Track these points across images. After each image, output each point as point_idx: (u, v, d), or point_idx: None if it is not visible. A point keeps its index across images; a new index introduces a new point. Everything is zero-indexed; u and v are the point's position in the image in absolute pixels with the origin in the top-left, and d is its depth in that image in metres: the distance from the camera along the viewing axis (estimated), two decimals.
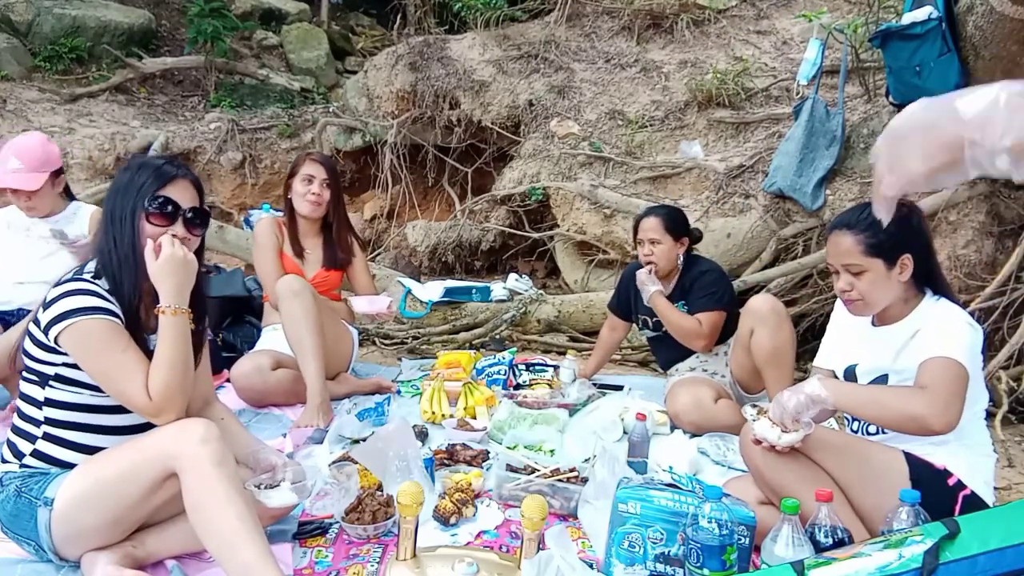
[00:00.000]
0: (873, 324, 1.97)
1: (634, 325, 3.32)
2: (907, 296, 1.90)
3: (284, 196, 3.22)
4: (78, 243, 2.90)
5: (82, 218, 3.01)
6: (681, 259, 3.03)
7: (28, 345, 1.71)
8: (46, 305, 1.66)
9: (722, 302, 2.95)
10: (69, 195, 3.05)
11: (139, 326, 1.73)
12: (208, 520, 1.57)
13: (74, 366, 1.67)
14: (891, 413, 1.71)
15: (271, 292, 3.04)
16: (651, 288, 2.96)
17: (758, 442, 1.80)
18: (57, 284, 1.69)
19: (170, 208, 1.73)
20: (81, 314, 1.62)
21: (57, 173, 2.93)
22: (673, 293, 3.02)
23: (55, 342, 1.64)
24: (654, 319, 3.07)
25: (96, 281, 1.69)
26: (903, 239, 1.85)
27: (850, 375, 1.99)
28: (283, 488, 1.83)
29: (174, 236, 1.73)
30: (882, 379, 1.90)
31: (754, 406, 1.84)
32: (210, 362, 2.07)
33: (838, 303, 2.13)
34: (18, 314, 2.81)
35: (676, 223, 3.00)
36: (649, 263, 2.99)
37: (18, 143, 2.90)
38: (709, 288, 2.94)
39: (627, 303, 3.22)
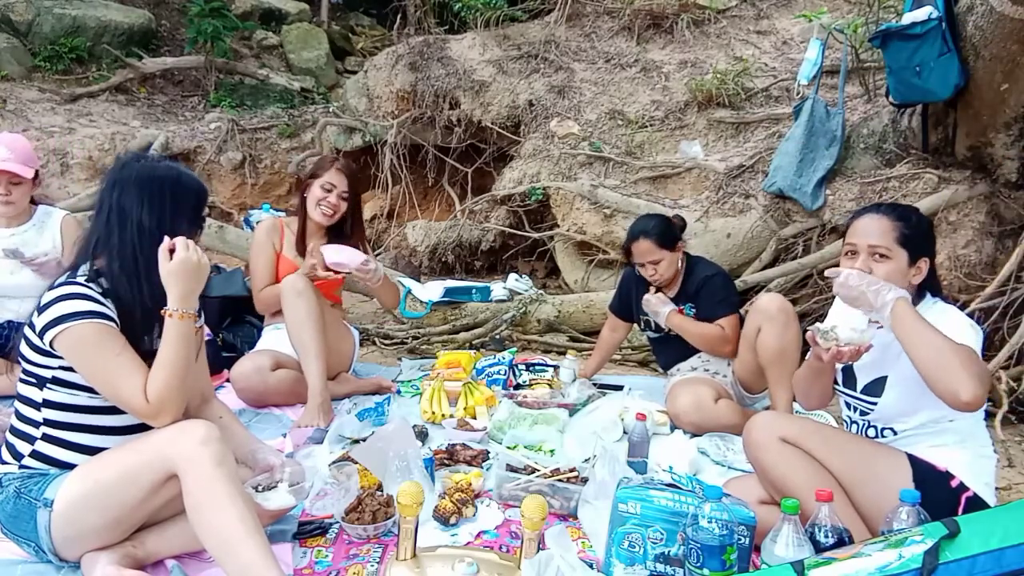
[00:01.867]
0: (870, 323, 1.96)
1: (635, 325, 3.31)
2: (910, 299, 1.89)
3: (300, 193, 3.19)
4: (37, 260, 2.79)
5: (52, 226, 2.95)
6: (681, 262, 3.03)
7: (24, 349, 1.71)
8: (40, 309, 1.66)
9: (736, 305, 2.94)
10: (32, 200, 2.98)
11: (136, 327, 1.73)
12: (208, 521, 1.57)
13: (71, 369, 1.68)
14: (940, 373, 1.59)
15: (256, 295, 3.12)
16: (665, 311, 2.92)
17: (838, 355, 1.74)
18: (51, 288, 1.69)
19: (202, 223, 1.84)
20: (75, 319, 1.62)
21: (35, 175, 2.88)
22: (678, 297, 3.01)
23: (50, 346, 1.64)
24: (656, 320, 3.06)
25: (90, 284, 1.69)
26: (927, 243, 1.88)
27: (848, 373, 1.98)
28: (280, 490, 1.84)
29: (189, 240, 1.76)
30: (881, 380, 1.89)
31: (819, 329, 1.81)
32: (210, 362, 2.08)
33: (836, 304, 2.12)
34: (8, 326, 2.79)
35: (666, 235, 2.91)
36: (655, 280, 2.95)
37: (4, 137, 2.87)
38: (721, 293, 2.92)
39: (628, 304, 3.21)
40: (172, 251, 1.70)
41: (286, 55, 7.82)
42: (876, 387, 1.89)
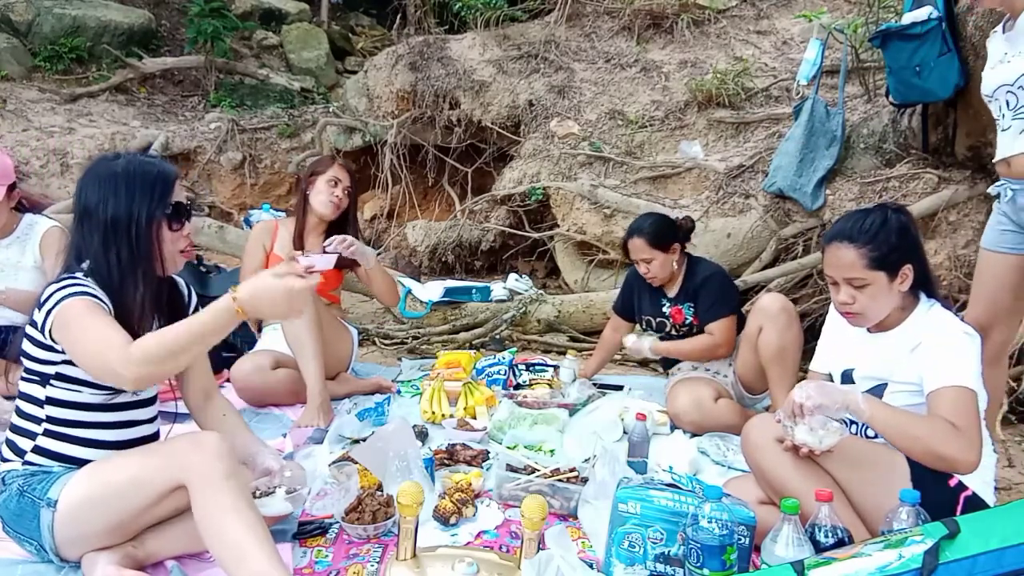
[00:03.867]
0: (868, 330, 1.96)
1: (637, 325, 3.32)
2: (904, 304, 1.89)
3: (301, 192, 3.21)
4: None
5: (35, 239, 2.84)
6: (680, 263, 3.02)
7: (27, 346, 1.71)
8: (40, 305, 1.66)
9: (731, 306, 2.94)
10: (22, 208, 2.87)
11: (133, 325, 1.72)
12: (217, 533, 1.57)
13: (72, 363, 1.68)
14: (923, 448, 1.67)
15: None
16: (645, 348, 3.02)
17: (795, 448, 1.76)
18: (50, 284, 1.69)
19: (182, 211, 1.78)
20: (64, 298, 1.62)
21: (11, 187, 2.76)
22: (678, 296, 3.01)
23: (50, 336, 1.65)
24: (657, 320, 3.07)
25: (88, 280, 1.70)
26: (905, 250, 1.84)
27: (847, 379, 1.98)
28: (277, 496, 1.84)
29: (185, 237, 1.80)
30: (881, 387, 1.89)
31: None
32: (210, 362, 2.07)
33: (833, 306, 2.13)
34: (5, 331, 2.76)
35: (660, 235, 2.93)
36: (648, 278, 2.98)
37: None
38: (716, 295, 2.92)
39: (630, 305, 3.21)
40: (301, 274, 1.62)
41: (286, 55, 7.82)
42: (876, 393, 1.89)
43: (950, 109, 3.58)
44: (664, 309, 3.03)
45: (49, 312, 1.63)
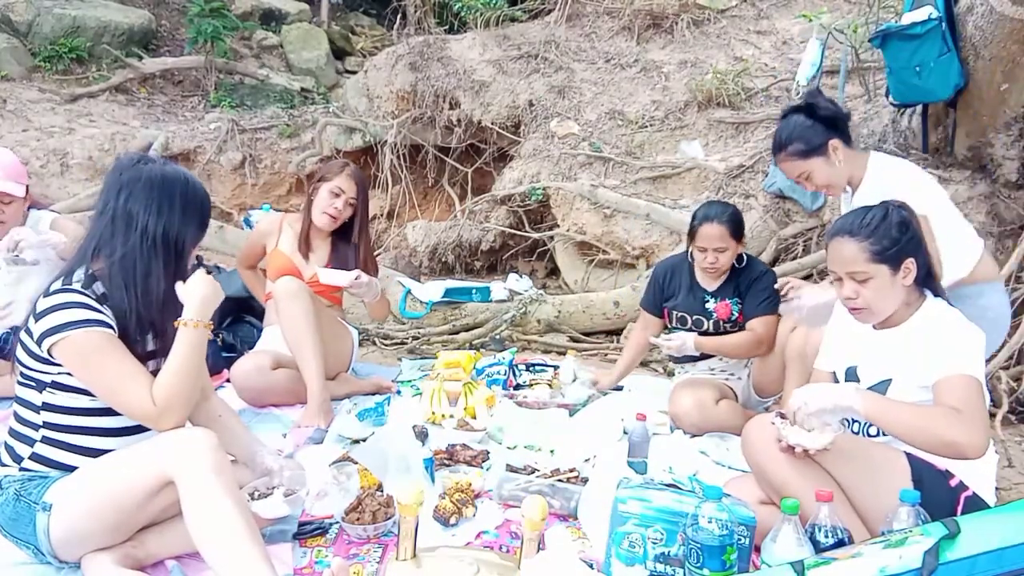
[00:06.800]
0: (874, 327, 1.97)
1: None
2: (908, 299, 1.89)
3: (308, 195, 3.20)
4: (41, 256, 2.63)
5: (43, 230, 2.79)
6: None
7: (21, 354, 1.70)
8: (37, 316, 1.64)
9: (776, 306, 2.82)
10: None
11: (131, 332, 1.72)
12: (204, 530, 1.57)
13: (71, 374, 1.67)
14: (927, 437, 1.67)
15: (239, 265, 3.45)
16: (690, 343, 2.84)
17: (790, 449, 1.76)
18: (47, 295, 1.67)
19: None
20: (74, 327, 1.61)
21: (26, 188, 2.78)
22: (724, 288, 2.91)
23: (48, 354, 1.63)
24: (694, 316, 2.95)
25: (86, 291, 1.68)
26: (906, 244, 1.85)
27: (852, 377, 1.98)
28: (275, 497, 1.84)
29: None
30: (885, 383, 1.89)
31: (779, 415, 1.83)
32: (210, 362, 2.08)
33: (838, 305, 2.13)
34: (11, 330, 2.74)
35: (739, 227, 2.83)
36: (713, 269, 2.86)
37: None
38: (768, 293, 2.82)
39: (661, 301, 3.06)
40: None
41: (286, 55, 7.83)
42: (880, 389, 1.89)
43: (950, 109, 3.58)
44: (707, 305, 2.92)
45: (49, 333, 1.61)
